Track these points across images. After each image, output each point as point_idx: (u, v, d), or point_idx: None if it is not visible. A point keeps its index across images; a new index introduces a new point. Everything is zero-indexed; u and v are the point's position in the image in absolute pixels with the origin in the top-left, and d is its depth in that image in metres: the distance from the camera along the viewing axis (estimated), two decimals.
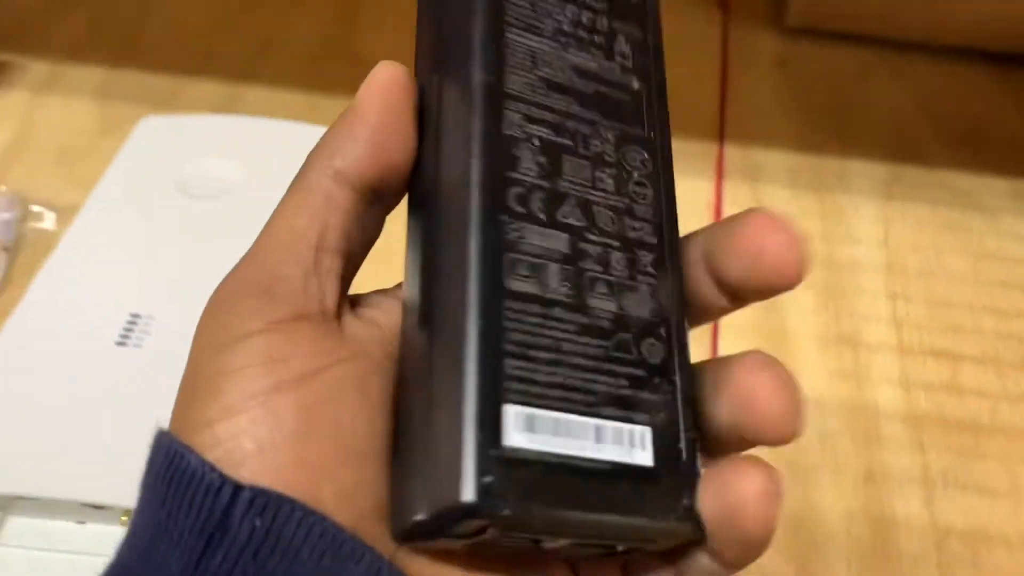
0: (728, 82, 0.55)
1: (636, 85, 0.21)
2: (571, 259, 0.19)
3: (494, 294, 0.18)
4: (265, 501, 0.18)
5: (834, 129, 0.53)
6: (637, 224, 0.20)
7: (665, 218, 0.20)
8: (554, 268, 0.18)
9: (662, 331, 0.19)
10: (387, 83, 0.20)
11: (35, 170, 0.47)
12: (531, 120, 0.19)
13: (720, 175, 0.49)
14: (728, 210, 0.47)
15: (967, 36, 0.56)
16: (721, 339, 0.42)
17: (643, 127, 0.21)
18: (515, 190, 0.19)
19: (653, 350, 0.19)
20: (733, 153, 0.51)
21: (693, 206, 0.48)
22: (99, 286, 0.37)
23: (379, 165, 0.20)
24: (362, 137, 0.20)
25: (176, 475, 0.18)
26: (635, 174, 0.20)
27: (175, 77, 0.53)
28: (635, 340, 0.19)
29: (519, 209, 0.19)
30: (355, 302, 0.21)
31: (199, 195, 0.41)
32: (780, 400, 0.18)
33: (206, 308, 0.20)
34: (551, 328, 0.18)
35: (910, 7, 0.56)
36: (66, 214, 0.43)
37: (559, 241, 0.19)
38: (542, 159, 0.19)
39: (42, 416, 0.33)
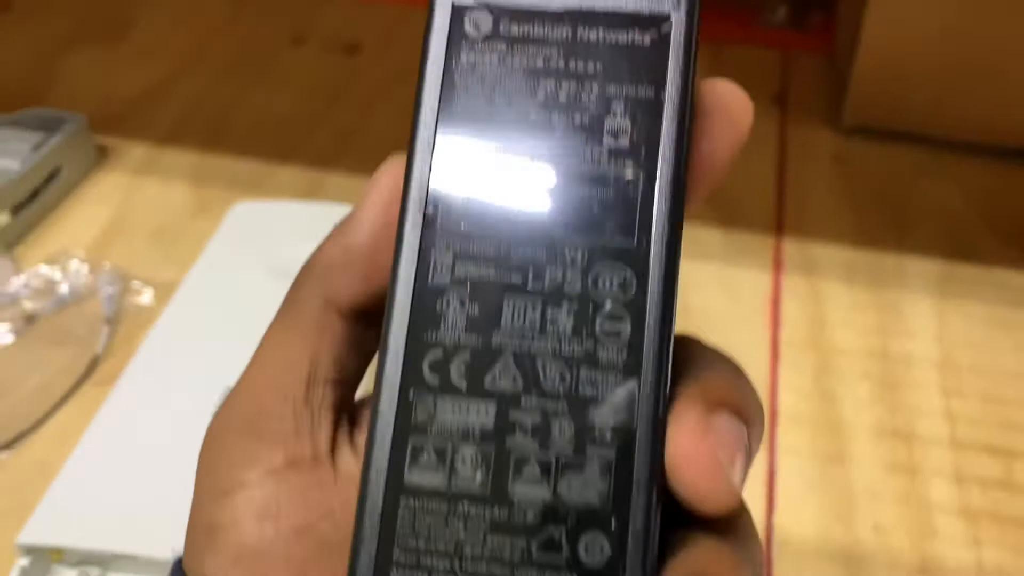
0: (786, 177, 0.58)
1: (629, 173, 0.16)
2: (493, 436, 0.16)
3: (390, 490, 0.16)
4: None
5: (890, 225, 0.55)
6: (599, 376, 0.16)
7: (650, 357, 0.16)
8: (467, 452, 0.16)
9: (611, 522, 0.15)
10: (389, 191, 0.18)
11: (134, 248, 0.51)
12: (464, 257, 0.17)
13: (779, 268, 0.51)
14: (787, 303, 0.49)
15: (1019, 136, 0.58)
16: (779, 429, 0.43)
17: (632, 234, 0.16)
18: (432, 355, 0.16)
19: (592, 548, 0.15)
20: (791, 247, 0.53)
21: (752, 298, 0.50)
22: (196, 359, 0.40)
23: (372, 291, 0.19)
24: (355, 260, 0.19)
25: None
26: (607, 305, 0.16)
27: (263, 163, 0.57)
28: (569, 536, 0.15)
29: (432, 380, 0.16)
30: (355, 418, 0.19)
31: (287, 276, 0.44)
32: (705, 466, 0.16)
33: (203, 444, 0.19)
34: (453, 529, 0.16)
35: (963, 108, 0.58)
36: (163, 290, 0.46)
37: (481, 414, 0.16)
38: (474, 308, 0.16)
39: (142, 478, 0.35)
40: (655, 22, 0.17)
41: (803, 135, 0.60)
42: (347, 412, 0.19)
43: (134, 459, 0.36)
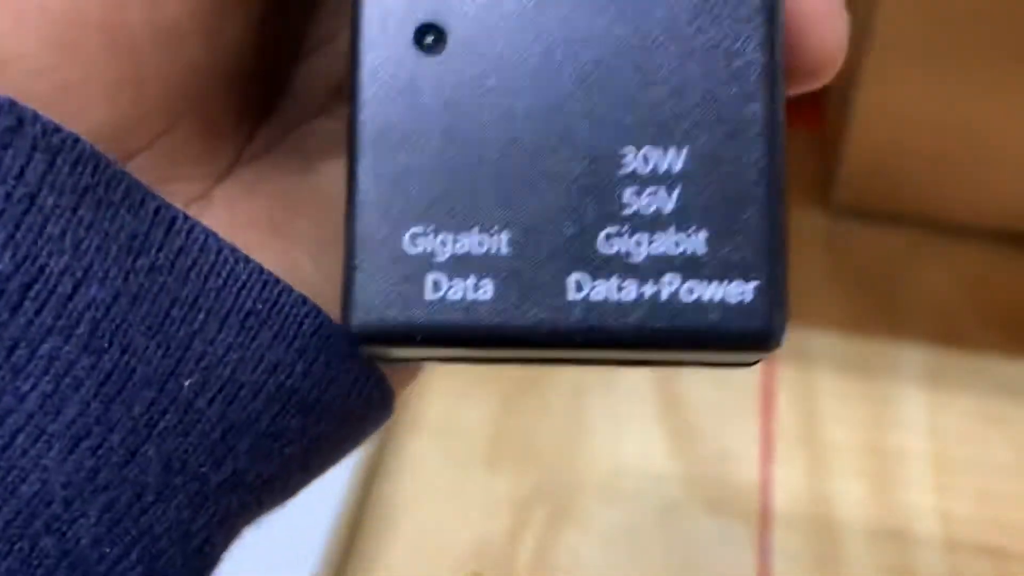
0: None
1: None
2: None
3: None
4: None
5: (881, 311, 0.54)
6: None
7: None
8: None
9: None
10: None
11: None
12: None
13: (771, 358, 0.51)
14: (780, 396, 0.48)
15: (1014, 219, 0.58)
16: (773, 531, 0.43)
17: None
18: None
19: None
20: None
21: (741, 387, 0.49)
22: None
23: None
24: None
25: None
26: None
27: None
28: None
29: None
30: None
31: None
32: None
33: None
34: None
35: (957, 189, 0.58)
36: None
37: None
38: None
39: None
40: None
41: (792, 216, 0.60)
42: None
43: None
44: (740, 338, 0.14)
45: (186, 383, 0.13)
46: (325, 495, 0.40)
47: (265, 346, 0.14)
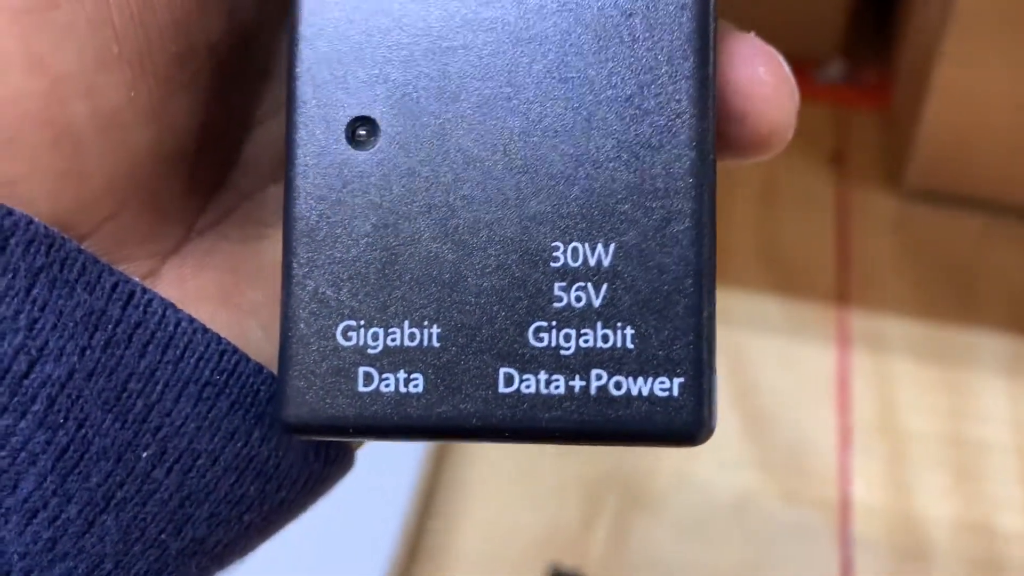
0: (846, 244, 0.56)
1: None
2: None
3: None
4: None
5: (956, 296, 0.53)
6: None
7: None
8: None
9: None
10: None
11: None
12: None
13: (844, 344, 0.49)
14: (856, 383, 0.47)
15: None
16: (853, 521, 0.41)
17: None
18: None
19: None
20: (856, 320, 0.51)
21: (816, 377, 0.48)
22: None
23: None
24: None
25: None
26: None
27: None
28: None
29: None
30: None
31: None
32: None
33: None
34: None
35: None
36: None
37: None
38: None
39: None
40: None
41: (862, 198, 0.58)
42: None
43: None
44: (666, 433, 0.14)
45: (144, 454, 0.13)
46: (397, 481, 0.39)
47: (223, 415, 0.14)
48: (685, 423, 0.14)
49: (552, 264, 0.14)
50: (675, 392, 0.14)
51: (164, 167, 0.14)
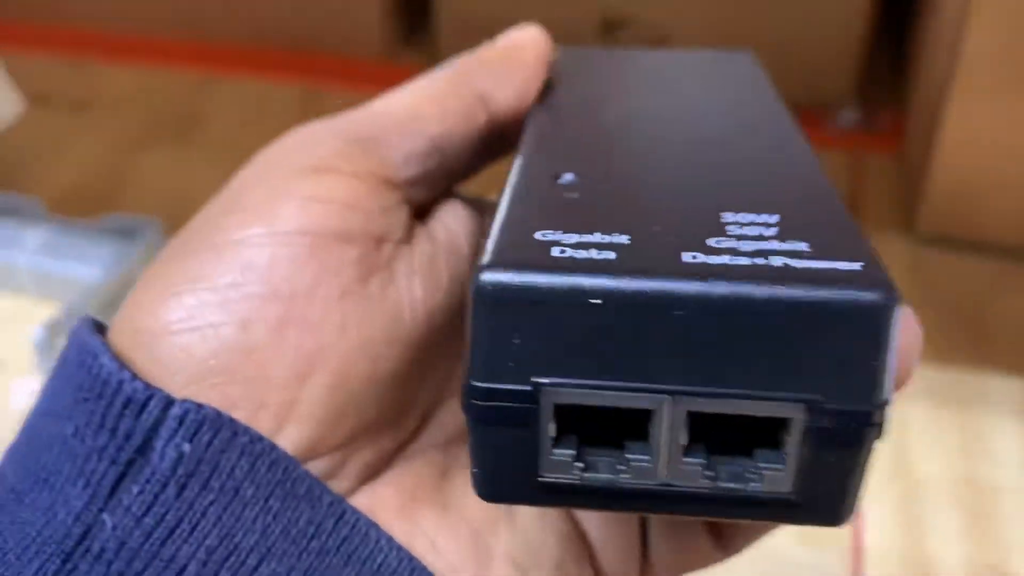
0: None
1: None
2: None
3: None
4: (200, 420, 0.15)
5: (969, 341, 0.53)
6: None
7: None
8: None
9: None
10: (541, 41, 0.21)
11: None
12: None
13: None
14: None
15: None
16: (866, 566, 0.42)
17: None
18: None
19: None
20: None
21: None
22: None
23: (517, 113, 0.20)
24: (518, 78, 0.20)
25: (87, 381, 0.15)
26: None
27: None
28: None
29: None
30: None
31: None
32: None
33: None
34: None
35: None
36: None
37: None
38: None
39: None
40: None
41: (876, 242, 0.59)
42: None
43: None
44: (857, 305, 0.13)
45: None
46: None
47: None
48: (879, 293, 0.13)
49: (725, 216, 0.15)
50: (857, 268, 0.13)
51: (387, 424, 0.18)
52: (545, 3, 0.65)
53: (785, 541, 0.43)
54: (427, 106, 0.19)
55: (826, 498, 0.14)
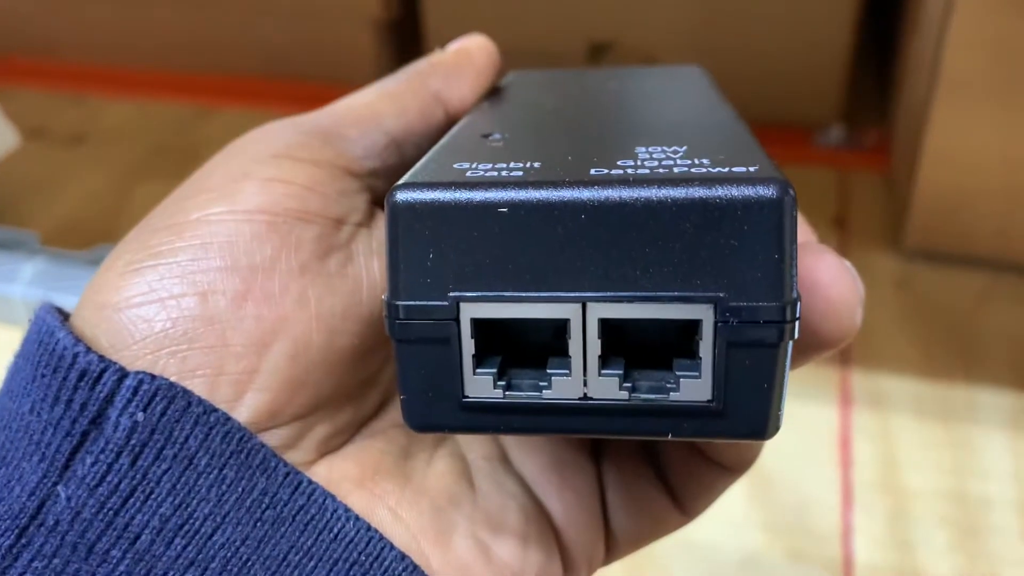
0: None
1: None
2: None
3: None
4: (153, 390, 0.15)
5: (958, 354, 0.54)
6: None
7: None
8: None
9: None
10: (488, 47, 0.22)
11: None
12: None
13: (847, 403, 0.51)
14: (858, 442, 0.48)
15: None
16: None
17: None
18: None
19: None
20: (859, 379, 0.52)
21: (820, 436, 0.49)
22: None
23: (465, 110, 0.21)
24: (470, 78, 0.21)
25: (44, 358, 0.15)
26: None
27: None
28: None
29: None
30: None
31: None
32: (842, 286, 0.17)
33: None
34: None
35: None
36: None
37: None
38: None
39: None
40: None
41: (864, 258, 0.60)
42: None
43: None
44: (753, 198, 0.14)
45: None
46: None
47: None
48: (772, 188, 0.14)
49: (638, 150, 0.16)
50: (754, 170, 0.14)
51: (346, 398, 0.18)
52: (532, 28, 0.66)
53: (775, 555, 0.43)
54: (385, 104, 0.20)
55: (748, 406, 0.15)
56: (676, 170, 0.14)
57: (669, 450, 0.20)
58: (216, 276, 0.16)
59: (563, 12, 0.67)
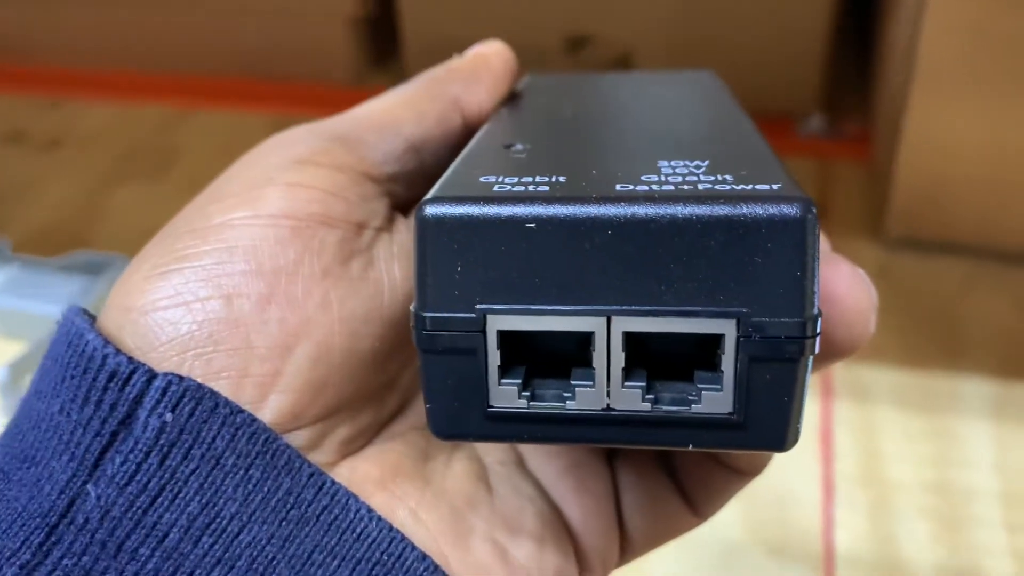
0: None
1: None
2: None
3: None
4: (182, 391, 0.15)
5: (939, 343, 0.53)
6: None
7: None
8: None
9: None
10: (505, 52, 0.22)
11: None
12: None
13: (828, 394, 0.50)
14: (839, 433, 0.48)
15: None
16: (837, 573, 0.42)
17: None
18: None
19: None
20: (839, 370, 0.52)
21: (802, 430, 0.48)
22: None
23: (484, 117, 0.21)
24: (487, 83, 0.21)
25: (73, 359, 0.16)
26: None
27: None
28: None
29: None
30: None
31: None
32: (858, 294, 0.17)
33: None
34: None
35: (1011, 215, 0.57)
36: None
37: None
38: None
39: None
40: None
41: (846, 247, 0.59)
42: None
43: None
44: (776, 216, 0.14)
45: None
46: None
47: None
48: (796, 206, 0.14)
49: (660, 163, 0.16)
50: (777, 188, 0.15)
51: (367, 400, 0.18)
52: (509, 25, 0.66)
53: (756, 549, 0.42)
54: (403, 110, 0.20)
55: (768, 419, 0.15)
56: (700, 187, 0.15)
57: (684, 455, 0.20)
58: (241, 280, 0.17)
59: (540, 6, 0.66)
